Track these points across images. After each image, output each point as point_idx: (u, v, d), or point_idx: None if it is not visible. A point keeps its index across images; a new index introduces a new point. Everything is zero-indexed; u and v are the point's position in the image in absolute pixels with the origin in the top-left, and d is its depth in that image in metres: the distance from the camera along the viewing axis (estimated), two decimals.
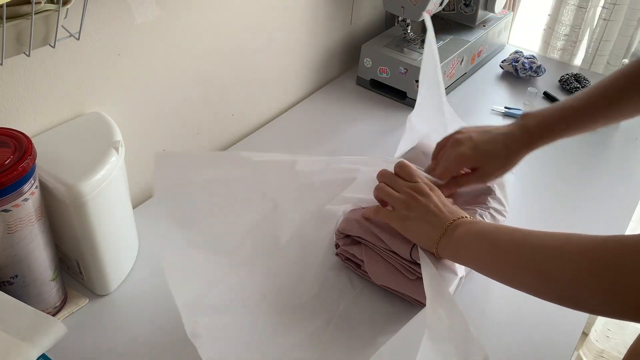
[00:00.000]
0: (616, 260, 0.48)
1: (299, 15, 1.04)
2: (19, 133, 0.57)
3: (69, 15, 0.60)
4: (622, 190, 0.94)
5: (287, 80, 1.10)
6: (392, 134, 1.05)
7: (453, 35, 1.19)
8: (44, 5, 0.53)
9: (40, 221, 0.60)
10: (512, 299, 0.74)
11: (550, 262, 0.54)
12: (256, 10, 0.94)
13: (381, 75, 1.13)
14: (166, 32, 0.79)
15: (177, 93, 0.86)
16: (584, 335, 1.59)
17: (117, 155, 0.66)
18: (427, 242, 0.66)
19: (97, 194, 0.62)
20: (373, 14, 1.26)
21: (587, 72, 1.31)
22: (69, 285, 0.71)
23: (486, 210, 0.76)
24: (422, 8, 1.04)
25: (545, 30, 1.38)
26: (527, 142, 0.73)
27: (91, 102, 0.74)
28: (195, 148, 0.95)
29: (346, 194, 0.74)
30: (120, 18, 0.72)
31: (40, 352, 0.51)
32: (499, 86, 1.22)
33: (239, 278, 0.67)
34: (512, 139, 0.73)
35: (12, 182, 0.53)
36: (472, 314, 0.72)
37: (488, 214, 0.76)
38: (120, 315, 0.70)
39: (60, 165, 0.63)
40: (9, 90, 0.64)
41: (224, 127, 0.99)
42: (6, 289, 0.60)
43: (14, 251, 0.58)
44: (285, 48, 1.05)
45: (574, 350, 0.70)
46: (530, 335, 0.70)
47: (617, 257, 0.48)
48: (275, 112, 1.10)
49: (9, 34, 0.53)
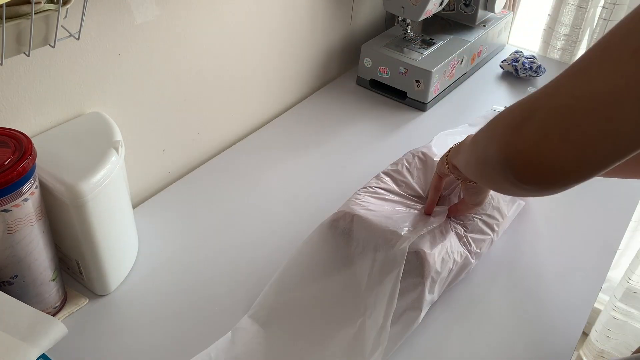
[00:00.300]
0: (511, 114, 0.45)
1: (299, 15, 1.04)
2: (19, 133, 0.57)
3: (69, 15, 0.60)
4: (622, 190, 0.94)
5: (287, 80, 1.10)
6: (392, 134, 1.05)
7: (453, 35, 1.19)
8: (44, 5, 0.53)
9: (40, 221, 0.60)
10: (512, 299, 0.74)
11: (478, 145, 0.53)
12: (256, 10, 0.94)
13: (381, 75, 1.13)
14: (166, 32, 0.79)
15: (177, 93, 0.86)
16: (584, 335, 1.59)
17: (117, 155, 0.66)
18: (440, 169, 0.72)
19: (97, 194, 0.62)
20: (373, 14, 1.26)
21: None
22: (69, 285, 0.71)
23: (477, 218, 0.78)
24: (422, 8, 1.04)
25: (545, 30, 1.38)
26: None
27: (91, 102, 0.74)
28: (195, 148, 0.95)
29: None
30: (120, 18, 0.72)
31: (40, 352, 0.51)
32: (499, 86, 1.22)
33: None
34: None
35: (12, 182, 0.53)
36: (472, 314, 0.72)
37: (479, 221, 0.77)
38: (120, 315, 0.70)
39: (60, 165, 0.63)
40: (9, 90, 0.64)
41: (224, 127, 0.99)
42: (6, 289, 0.60)
43: (14, 251, 0.58)
44: (285, 48, 1.05)
45: (574, 350, 0.70)
46: (530, 335, 0.70)
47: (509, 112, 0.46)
48: (275, 112, 1.10)
49: (9, 34, 0.52)
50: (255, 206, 0.87)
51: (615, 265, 1.58)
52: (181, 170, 0.94)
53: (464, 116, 1.11)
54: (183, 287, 0.74)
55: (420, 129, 1.07)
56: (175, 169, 0.93)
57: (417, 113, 1.11)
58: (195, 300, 0.72)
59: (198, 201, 0.88)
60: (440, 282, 0.70)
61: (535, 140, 0.42)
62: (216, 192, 0.89)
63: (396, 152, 0.91)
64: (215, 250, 0.79)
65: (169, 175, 0.92)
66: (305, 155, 0.98)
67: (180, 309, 0.71)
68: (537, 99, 0.43)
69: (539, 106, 0.42)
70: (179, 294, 0.73)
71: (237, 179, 0.92)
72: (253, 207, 0.87)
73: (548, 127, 0.41)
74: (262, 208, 0.87)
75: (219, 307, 0.71)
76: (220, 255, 0.79)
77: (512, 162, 0.43)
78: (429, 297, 0.69)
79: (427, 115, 1.11)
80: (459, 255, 0.72)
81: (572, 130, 0.40)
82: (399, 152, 0.89)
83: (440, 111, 1.12)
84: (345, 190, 0.84)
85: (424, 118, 1.10)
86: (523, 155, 0.42)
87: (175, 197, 0.88)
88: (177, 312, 0.71)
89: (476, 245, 0.75)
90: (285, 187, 0.91)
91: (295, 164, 0.96)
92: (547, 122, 0.41)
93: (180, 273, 0.76)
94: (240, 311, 0.70)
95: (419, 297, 0.68)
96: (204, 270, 0.76)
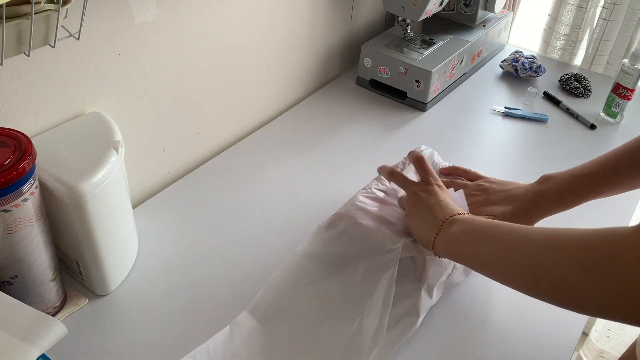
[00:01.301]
0: (610, 250, 0.46)
1: (299, 15, 1.04)
2: (19, 133, 0.57)
3: (69, 15, 0.60)
4: None
5: (287, 80, 1.10)
6: (392, 134, 1.05)
7: (453, 35, 1.19)
8: (44, 5, 0.53)
9: (40, 221, 0.60)
10: (512, 299, 0.74)
11: (541, 257, 0.52)
12: (256, 10, 0.94)
13: (381, 75, 1.13)
14: (166, 32, 0.79)
15: (177, 93, 0.86)
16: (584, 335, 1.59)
17: (117, 155, 0.66)
18: (425, 242, 0.67)
19: (97, 194, 0.62)
20: (373, 14, 1.26)
21: (587, 72, 1.31)
22: (68, 285, 0.71)
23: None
24: (422, 8, 1.04)
25: (545, 30, 1.38)
26: (538, 209, 0.72)
27: (91, 102, 0.74)
28: (195, 148, 0.95)
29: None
30: (120, 18, 0.72)
31: (40, 352, 0.51)
32: (499, 86, 1.22)
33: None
34: (524, 202, 0.72)
35: (12, 182, 0.53)
36: (472, 314, 0.72)
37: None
38: (120, 315, 0.70)
39: (60, 165, 0.63)
40: (9, 90, 0.64)
41: (224, 127, 0.99)
42: (6, 289, 0.60)
43: (13, 251, 0.58)
44: (285, 48, 1.05)
45: (574, 350, 0.70)
46: (530, 335, 0.70)
47: (610, 247, 0.46)
48: (275, 112, 1.10)
49: (9, 34, 0.52)
50: (255, 206, 0.87)
51: None
52: (181, 170, 0.94)
53: (464, 116, 1.11)
54: (183, 287, 0.74)
55: (420, 129, 1.07)
56: (175, 169, 0.93)
57: (417, 113, 1.11)
58: (195, 300, 0.72)
59: (198, 201, 0.87)
60: (438, 286, 0.70)
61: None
62: (216, 192, 0.89)
63: (396, 152, 0.91)
64: (215, 250, 0.79)
65: (169, 175, 0.92)
66: (305, 155, 0.98)
67: (180, 308, 0.71)
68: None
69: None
70: (179, 294, 0.73)
71: (237, 179, 0.92)
72: (253, 207, 0.87)
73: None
74: (261, 208, 0.87)
75: (218, 307, 0.71)
76: (219, 255, 0.79)
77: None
78: (427, 302, 0.69)
79: (427, 115, 1.11)
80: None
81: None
82: (399, 152, 0.89)
83: (440, 111, 1.12)
84: (345, 190, 0.84)
85: (424, 118, 1.10)
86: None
87: (175, 197, 0.88)
88: (177, 312, 0.71)
89: None
90: (285, 187, 0.91)
91: (295, 164, 0.96)
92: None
93: (180, 273, 0.76)
94: (240, 311, 0.70)
95: (417, 303, 0.68)
96: (203, 270, 0.76)
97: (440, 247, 0.64)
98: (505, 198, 0.74)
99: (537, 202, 0.72)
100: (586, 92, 1.19)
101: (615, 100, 1.09)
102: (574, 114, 1.12)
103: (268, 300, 0.69)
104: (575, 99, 1.18)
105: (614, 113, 1.10)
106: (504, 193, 0.75)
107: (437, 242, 0.64)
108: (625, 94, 1.08)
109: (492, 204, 0.74)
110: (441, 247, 0.64)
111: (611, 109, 1.10)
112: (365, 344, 0.64)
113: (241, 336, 0.65)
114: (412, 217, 0.69)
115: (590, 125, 1.09)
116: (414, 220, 0.69)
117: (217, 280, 0.75)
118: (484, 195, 0.76)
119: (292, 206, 0.87)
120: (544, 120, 1.11)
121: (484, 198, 0.75)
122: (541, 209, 0.72)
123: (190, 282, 0.74)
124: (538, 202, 0.72)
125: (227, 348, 0.64)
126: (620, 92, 1.08)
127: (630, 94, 1.08)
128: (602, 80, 1.25)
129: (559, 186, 0.72)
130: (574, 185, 0.71)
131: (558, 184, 0.72)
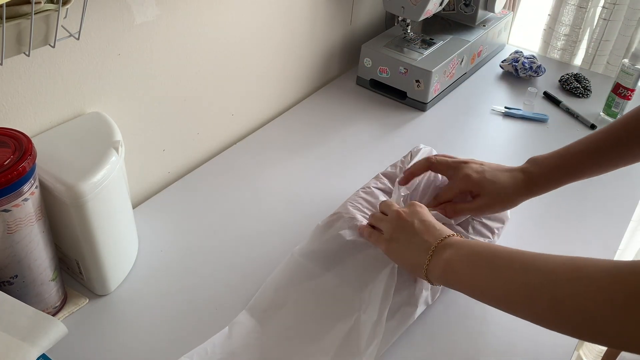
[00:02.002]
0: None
1: (299, 15, 1.04)
2: (19, 133, 0.57)
3: (69, 15, 0.60)
4: (622, 190, 0.94)
5: (287, 80, 1.10)
6: (392, 134, 1.05)
7: (453, 35, 1.19)
8: (44, 5, 0.53)
9: (40, 221, 0.60)
10: None
11: (564, 289, 0.49)
12: (256, 10, 0.94)
13: (381, 75, 1.13)
14: (166, 32, 0.79)
15: (177, 93, 0.86)
16: None
17: (117, 155, 0.66)
18: (414, 268, 0.63)
19: (97, 194, 0.62)
20: (373, 14, 1.26)
21: (587, 72, 1.31)
22: (69, 285, 0.71)
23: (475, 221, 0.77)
24: (422, 8, 1.04)
25: (545, 30, 1.38)
26: (529, 190, 0.73)
27: (91, 102, 0.74)
28: (195, 148, 0.95)
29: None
30: (120, 18, 0.72)
31: (40, 352, 0.51)
32: (499, 86, 1.22)
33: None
34: (516, 182, 0.73)
35: (12, 182, 0.53)
36: (471, 314, 0.72)
37: (478, 224, 0.77)
38: (120, 315, 0.70)
39: (60, 165, 0.63)
40: (9, 90, 0.64)
41: (224, 127, 0.99)
42: (6, 289, 0.60)
43: (14, 251, 0.58)
44: (285, 48, 1.05)
45: (574, 350, 0.70)
46: (530, 335, 0.70)
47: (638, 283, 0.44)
48: (275, 112, 1.10)
49: (9, 34, 0.52)
50: (255, 206, 0.87)
51: None
52: (181, 170, 0.94)
53: (464, 116, 1.11)
54: (183, 287, 0.74)
55: (420, 129, 1.07)
56: (175, 169, 0.93)
57: (417, 113, 1.11)
58: (195, 300, 0.72)
59: (198, 201, 0.88)
60: None
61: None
62: (216, 192, 0.89)
63: (396, 152, 0.91)
64: (215, 250, 0.79)
65: (169, 175, 0.92)
66: (305, 155, 0.98)
67: (180, 308, 0.71)
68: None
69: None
70: (179, 294, 0.73)
71: (237, 179, 0.92)
72: (253, 207, 0.87)
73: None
74: (261, 208, 0.87)
75: (218, 307, 0.71)
76: (219, 255, 0.79)
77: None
78: (424, 293, 0.69)
79: (427, 115, 1.11)
80: None
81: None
82: (399, 152, 0.89)
83: (440, 111, 1.12)
84: (345, 190, 0.84)
85: (424, 118, 1.10)
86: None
87: (175, 197, 0.88)
88: (177, 312, 0.71)
89: None
90: (285, 187, 0.91)
91: (295, 164, 0.96)
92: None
93: (180, 273, 0.76)
94: (240, 310, 0.70)
95: (414, 293, 0.68)
96: (203, 270, 0.76)
97: (434, 274, 0.61)
98: (498, 174, 0.74)
99: (528, 187, 0.73)
100: (586, 92, 1.19)
101: (615, 100, 1.09)
102: (574, 114, 1.12)
103: (266, 298, 0.69)
104: (575, 99, 1.18)
105: (614, 113, 1.10)
106: (496, 169, 0.74)
107: (430, 269, 0.61)
108: (625, 94, 1.08)
109: (484, 187, 0.73)
110: (435, 274, 0.60)
111: (611, 109, 1.10)
112: (363, 337, 0.64)
113: (240, 335, 0.65)
114: (396, 240, 0.65)
115: (591, 125, 1.09)
116: (398, 244, 0.65)
117: (216, 279, 0.75)
118: (479, 167, 0.75)
119: (292, 206, 0.87)
120: (544, 120, 1.11)
121: (481, 170, 0.74)
122: (531, 192, 0.73)
123: (190, 282, 0.74)
124: (529, 187, 0.73)
125: (225, 348, 0.64)
126: (620, 92, 1.08)
127: (630, 94, 1.08)
128: (602, 80, 1.25)
129: (547, 167, 0.73)
130: (562, 164, 0.72)
131: (547, 165, 0.73)
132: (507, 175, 0.73)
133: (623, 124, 0.71)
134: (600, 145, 0.71)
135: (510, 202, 0.74)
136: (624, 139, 0.70)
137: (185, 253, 0.78)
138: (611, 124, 0.72)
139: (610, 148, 0.71)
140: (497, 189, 0.72)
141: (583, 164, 0.72)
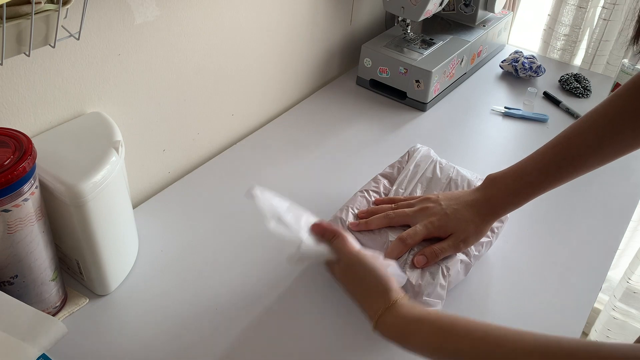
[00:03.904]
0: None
1: (299, 15, 1.04)
2: (19, 133, 0.57)
3: (69, 15, 0.61)
4: (622, 190, 0.94)
5: (287, 80, 1.10)
6: (392, 134, 1.05)
7: (453, 35, 1.19)
8: (44, 5, 0.53)
9: (40, 221, 0.60)
10: (512, 299, 0.74)
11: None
12: (256, 10, 0.94)
13: (381, 75, 1.13)
14: (166, 32, 0.79)
15: (177, 93, 0.86)
16: (584, 335, 1.59)
17: (117, 155, 0.66)
18: (368, 311, 0.60)
19: (97, 194, 0.62)
20: (373, 14, 1.27)
21: (587, 72, 1.31)
22: (69, 285, 0.71)
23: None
24: (422, 8, 1.04)
25: (545, 30, 1.38)
26: (492, 212, 0.73)
27: (91, 102, 0.74)
28: (195, 148, 0.95)
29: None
30: (120, 18, 0.72)
31: (40, 352, 0.51)
32: (499, 86, 1.22)
33: None
34: (479, 212, 0.72)
35: (12, 182, 0.53)
36: (471, 314, 0.72)
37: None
38: (120, 315, 0.70)
39: (60, 165, 0.63)
40: (9, 90, 0.64)
41: (224, 127, 0.99)
42: (6, 289, 0.60)
43: (14, 251, 0.58)
44: (285, 48, 1.05)
45: None
46: None
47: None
48: (275, 112, 1.10)
49: (9, 34, 0.53)
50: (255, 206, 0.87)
51: (615, 265, 1.58)
52: (181, 170, 0.94)
53: (464, 116, 1.11)
54: (183, 287, 0.74)
55: (420, 129, 1.07)
56: (175, 169, 0.93)
57: (417, 113, 1.11)
58: (195, 300, 0.72)
59: (198, 201, 0.88)
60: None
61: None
62: (216, 192, 0.89)
63: (396, 152, 0.91)
64: (215, 250, 0.79)
65: (169, 175, 0.92)
66: (305, 155, 0.98)
67: (180, 308, 0.71)
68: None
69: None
70: (179, 294, 0.73)
71: (237, 179, 0.92)
72: (252, 206, 0.87)
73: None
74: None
75: (219, 307, 0.71)
76: (220, 255, 0.79)
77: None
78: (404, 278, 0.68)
79: (427, 115, 1.11)
80: (455, 266, 0.72)
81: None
82: (399, 152, 0.89)
83: (440, 111, 1.13)
84: (345, 190, 0.84)
85: (424, 118, 1.10)
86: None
87: (175, 197, 0.88)
88: (177, 312, 0.71)
89: (475, 249, 0.75)
90: (285, 187, 0.91)
91: (295, 164, 0.96)
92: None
93: (180, 273, 0.76)
94: (240, 311, 0.70)
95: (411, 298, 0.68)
96: (204, 270, 0.76)
97: (386, 332, 0.58)
98: (460, 208, 0.73)
99: (494, 212, 0.73)
100: (586, 92, 1.19)
101: None
102: (574, 114, 1.12)
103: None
104: (575, 99, 1.18)
105: None
106: (457, 202, 0.73)
107: (381, 323, 0.58)
108: None
109: (449, 223, 0.72)
110: (387, 332, 0.57)
111: None
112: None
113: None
114: (349, 282, 0.63)
115: None
116: (352, 286, 0.63)
117: (216, 279, 0.75)
118: (440, 209, 0.73)
119: None
120: (544, 120, 1.11)
121: (443, 212, 0.73)
122: (497, 214, 0.73)
123: (190, 282, 0.74)
124: (495, 211, 0.73)
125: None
126: None
127: None
128: (602, 80, 1.25)
129: (505, 191, 0.72)
130: (521, 187, 0.71)
131: (505, 189, 0.72)
132: (469, 209, 0.72)
133: (567, 137, 0.70)
134: (548, 160, 0.70)
135: (481, 232, 0.73)
136: (574, 151, 0.69)
137: (185, 253, 0.79)
138: (556, 137, 0.71)
139: (560, 162, 0.70)
140: (463, 227, 0.72)
141: (540, 181, 0.71)
